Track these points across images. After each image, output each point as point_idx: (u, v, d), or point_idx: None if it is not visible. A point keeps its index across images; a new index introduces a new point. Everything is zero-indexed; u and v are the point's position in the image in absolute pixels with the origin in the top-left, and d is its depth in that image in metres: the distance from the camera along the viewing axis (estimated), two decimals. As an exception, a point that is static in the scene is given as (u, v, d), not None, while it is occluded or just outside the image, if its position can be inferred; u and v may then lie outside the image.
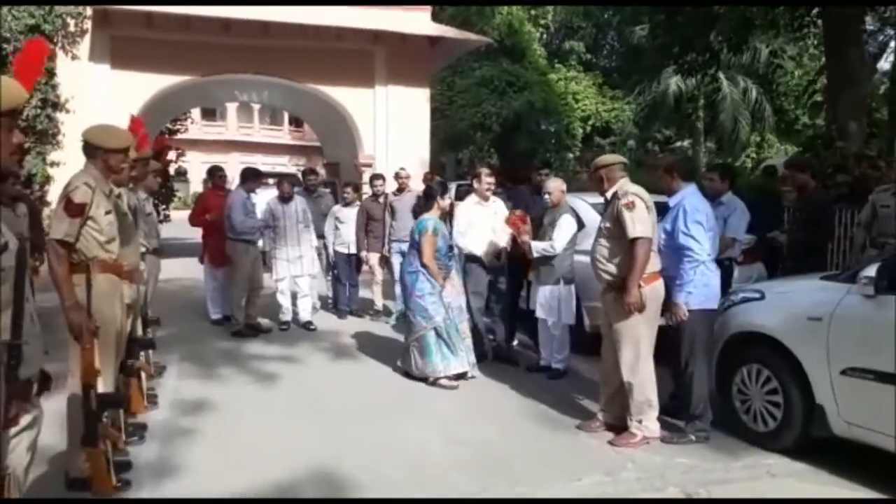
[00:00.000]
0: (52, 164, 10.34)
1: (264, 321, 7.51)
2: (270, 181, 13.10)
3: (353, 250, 8.11)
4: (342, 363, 6.17)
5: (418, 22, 13.51)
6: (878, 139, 15.08)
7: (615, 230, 4.19)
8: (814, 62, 20.92)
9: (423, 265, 5.50)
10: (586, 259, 5.29)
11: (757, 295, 4.42)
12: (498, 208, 6.26)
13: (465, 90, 19.56)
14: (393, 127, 13.75)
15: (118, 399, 3.60)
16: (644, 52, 20.85)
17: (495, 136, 19.72)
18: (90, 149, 3.52)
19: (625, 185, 4.29)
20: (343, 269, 8.26)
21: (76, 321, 3.27)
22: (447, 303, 5.57)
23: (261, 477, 3.68)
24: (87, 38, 11.70)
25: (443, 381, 5.40)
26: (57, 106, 10.80)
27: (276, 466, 3.81)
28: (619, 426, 4.32)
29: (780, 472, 3.86)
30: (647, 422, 4.20)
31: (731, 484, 3.72)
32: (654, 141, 24.77)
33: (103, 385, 3.40)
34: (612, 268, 4.23)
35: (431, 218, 5.62)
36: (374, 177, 8.36)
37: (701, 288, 4.12)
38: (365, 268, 8.27)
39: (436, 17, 13.95)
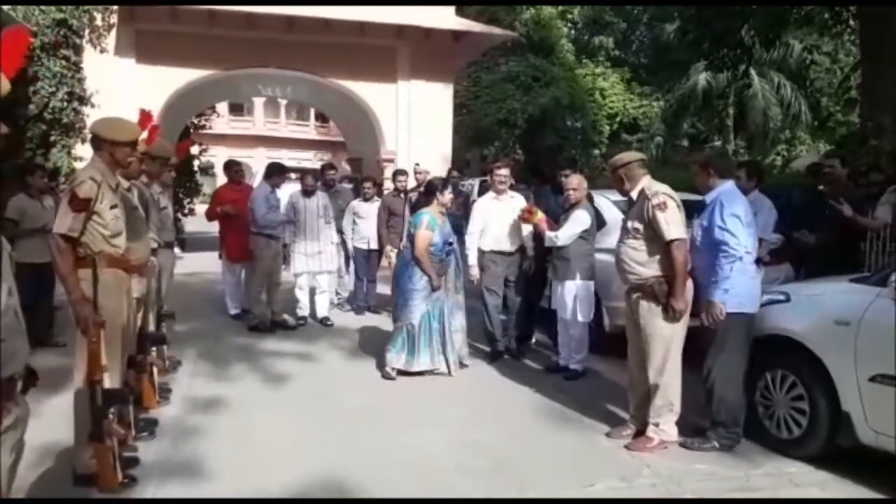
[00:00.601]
0: (76, 158, 10.43)
1: (289, 319, 7.49)
2: (293, 176, 13.18)
3: (373, 246, 8.08)
4: (357, 361, 6.12)
5: (442, 17, 13.40)
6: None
7: (646, 231, 4.02)
8: (849, 58, 20.39)
9: (415, 258, 5.48)
10: (607, 258, 5.20)
11: (782, 297, 4.27)
12: (517, 204, 6.10)
13: (491, 86, 19.41)
14: (415, 123, 13.67)
15: (124, 394, 3.58)
16: (674, 48, 20.52)
17: (521, 133, 19.55)
18: (97, 141, 3.51)
19: (651, 184, 4.13)
20: (361, 265, 8.21)
21: (82, 315, 3.25)
22: (436, 301, 5.55)
23: (269, 477, 3.63)
24: (114, 32, 11.79)
25: (387, 370, 5.52)
26: (83, 100, 10.90)
27: (284, 467, 3.76)
28: (641, 431, 4.19)
29: (803, 481, 3.72)
30: (664, 425, 4.08)
31: (751, 492, 3.59)
32: (682, 137, 24.37)
33: (110, 380, 3.37)
34: (641, 270, 4.06)
35: (428, 212, 5.60)
36: (397, 172, 8.31)
37: (739, 288, 3.89)
38: (384, 262, 8.23)
39: (461, 13, 13.80)
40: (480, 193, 13.88)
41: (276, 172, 7.46)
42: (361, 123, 14.68)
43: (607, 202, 6.38)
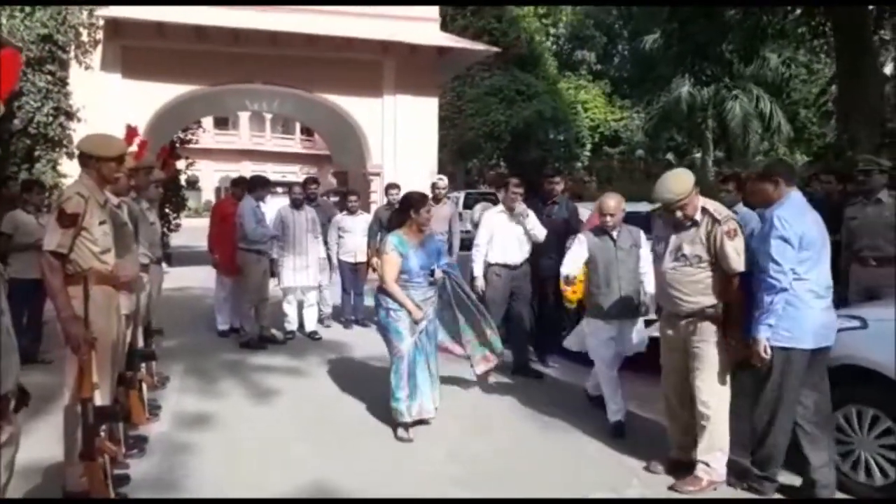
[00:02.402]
0: (63, 175, 10.39)
1: (278, 333, 7.48)
2: (279, 190, 13.18)
3: (360, 259, 8.09)
4: (346, 376, 6.12)
5: (427, 32, 13.53)
6: (891, 149, 14.91)
7: (710, 259, 3.61)
8: (825, 70, 20.78)
9: (381, 290, 4.69)
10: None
11: (857, 323, 3.76)
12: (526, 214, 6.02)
13: (475, 99, 19.60)
14: (401, 136, 13.77)
15: (115, 412, 3.57)
16: (655, 62, 20.82)
17: (504, 146, 19.71)
18: (84, 158, 3.52)
19: (714, 206, 3.72)
20: (348, 279, 8.22)
21: (73, 333, 3.24)
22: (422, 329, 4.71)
23: (260, 492, 3.63)
24: (100, 48, 11.79)
25: (400, 433, 4.56)
26: (70, 115, 10.87)
27: (275, 483, 3.76)
28: (685, 461, 3.86)
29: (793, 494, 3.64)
30: (714, 464, 3.68)
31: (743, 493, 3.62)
32: (663, 149, 24.66)
33: (100, 397, 3.36)
34: (701, 299, 3.64)
35: (397, 234, 4.69)
36: (390, 186, 8.33)
37: (790, 321, 3.40)
38: (373, 275, 8.23)
39: (447, 28, 13.95)
40: (466, 206, 13.92)
41: (259, 185, 7.46)
42: (347, 137, 14.74)
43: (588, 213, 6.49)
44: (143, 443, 4.22)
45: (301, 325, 7.68)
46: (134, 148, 4.64)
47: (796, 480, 3.67)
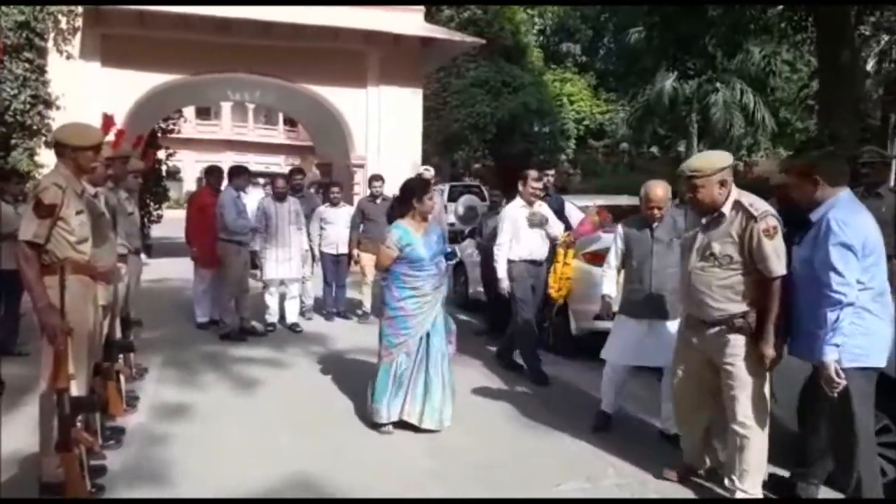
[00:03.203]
0: (39, 165, 10.27)
1: (258, 325, 7.46)
2: (261, 181, 13.12)
3: (342, 250, 8.07)
4: (327, 368, 6.11)
5: (411, 23, 13.48)
6: (871, 144, 15.11)
7: (743, 259, 3.24)
8: (808, 67, 20.97)
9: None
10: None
11: None
12: (547, 212, 5.93)
13: (460, 91, 19.59)
14: (385, 127, 13.73)
15: (92, 402, 3.55)
16: (640, 54, 20.90)
17: (490, 138, 19.72)
18: (59, 147, 3.48)
19: (750, 199, 3.32)
20: (330, 271, 8.21)
21: (49, 323, 3.22)
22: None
23: (239, 485, 3.62)
24: (79, 35, 11.64)
25: (383, 428, 4.47)
26: (49, 103, 10.75)
27: (254, 474, 3.75)
28: (694, 469, 3.72)
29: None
30: (752, 489, 3.40)
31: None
32: (647, 142, 24.80)
33: (76, 388, 3.34)
34: (729, 305, 3.28)
35: (399, 226, 4.55)
36: (374, 177, 8.30)
37: (857, 338, 2.97)
38: (355, 268, 8.23)
39: (433, 19, 13.92)
40: (450, 199, 13.94)
41: (238, 174, 7.40)
42: (331, 128, 14.68)
43: (572, 206, 6.53)
44: (120, 434, 4.20)
45: (282, 317, 7.66)
46: (111, 137, 4.60)
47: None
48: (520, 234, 5.75)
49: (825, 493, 3.49)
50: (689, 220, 3.68)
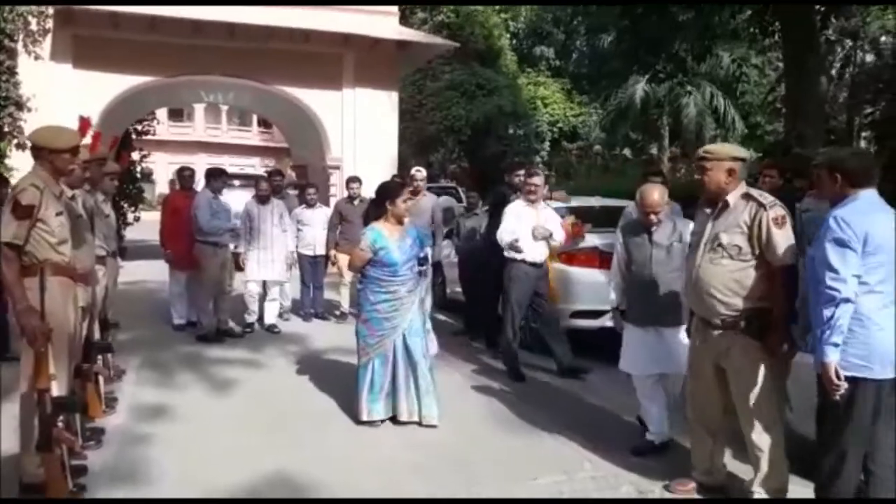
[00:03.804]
0: (11, 169, 10.13)
1: (235, 327, 7.45)
2: (237, 183, 13.05)
3: (319, 252, 8.11)
4: (304, 367, 6.15)
5: (386, 26, 13.55)
6: (836, 145, 15.50)
7: (751, 250, 3.20)
8: (776, 71, 21.43)
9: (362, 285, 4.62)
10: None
11: None
12: (548, 215, 5.97)
13: (435, 93, 19.65)
14: (361, 129, 13.77)
15: (72, 403, 3.56)
16: (611, 57, 21.19)
17: (465, 140, 19.82)
18: (36, 150, 3.50)
19: (755, 191, 3.36)
20: (307, 272, 8.23)
21: (29, 325, 3.24)
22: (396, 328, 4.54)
23: (218, 483, 3.65)
24: (49, 37, 11.51)
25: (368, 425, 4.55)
26: (20, 105, 10.61)
27: (233, 473, 3.78)
28: (708, 486, 3.61)
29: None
30: (773, 495, 3.33)
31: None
32: (620, 145, 25.11)
33: (57, 388, 3.36)
34: (737, 301, 3.22)
35: (374, 229, 4.56)
36: (351, 179, 8.36)
37: (859, 345, 2.81)
38: (332, 269, 8.26)
39: (406, 22, 13.99)
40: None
41: (216, 177, 7.41)
42: (306, 130, 14.68)
43: (550, 210, 6.62)
44: (100, 434, 4.21)
45: (260, 318, 7.66)
46: (88, 140, 4.60)
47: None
48: (522, 235, 5.73)
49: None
50: (698, 220, 3.61)
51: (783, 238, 3.14)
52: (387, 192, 4.66)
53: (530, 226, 5.75)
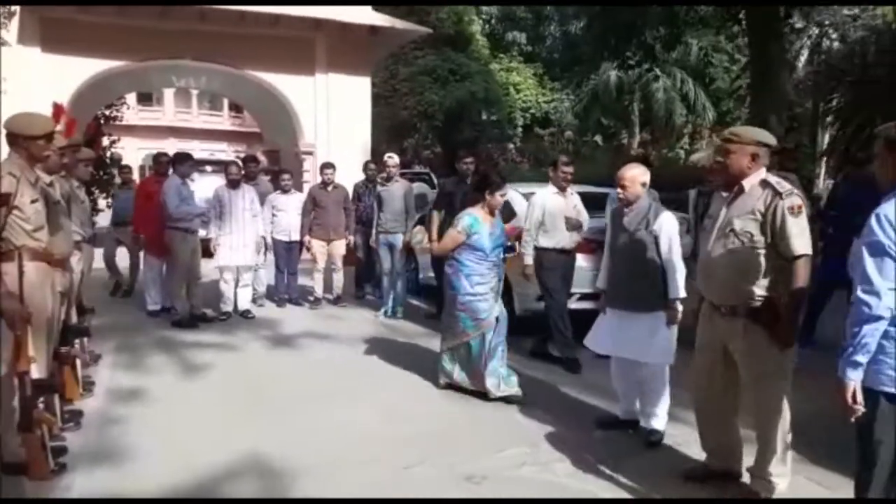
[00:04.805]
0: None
1: (209, 311, 7.51)
2: (208, 169, 13.01)
3: (294, 237, 8.18)
4: (279, 351, 6.27)
5: (359, 11, 13.53)
6: (799, 132, 15.88)
7: (764, 238, 3.12)
8: (745, 57, 21.77)
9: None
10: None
11: None
12: (577, 202, 5.99)
13: (408, 79, 19.67)
14: (333, 115, 13.76)
15: (52, 385, 3.66)
16: (582, 44, 21.36)
17: (438, 125, 19.90)
18: (11, 137, 3.55)
19: (773, 178, 3.24)
20: (282, 257, 8.31)
21: (8, 309, 3.31)
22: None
23: (197, 463, 3.75)
24: (16, 20, 11.33)
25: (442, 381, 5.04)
26: (-13, 89, 10.44)
27: (212, 452, 3.89)
28: (724, 473, 3.57)
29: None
30: (780, 481, 3.29)
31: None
32: (592, 131, 25.36)
33: (37, 371, 3.44)
34: (750, 288, 3.15)
35: (471, 214, 4.87)
36: (325, 165, 8.42)
37: (887, 362, 2.41)
38: (306, 255, 8.35)
39: (378, 8, 13.96)
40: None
41: (182, 161, 7.39)
42: (279, 115, 14.63)
43: (516, 194, 6.77)
44: (78, 416, 4.30)
45: (234, 304, 7.74)
46: (61, 126, 4.65)
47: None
48: (554, 223, 5.76)
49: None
50: (714, 204, 3.58)
51: (798, 227, 3.06)
52: (487, 183, 4.93)
53: (562, 213, 5.80)
